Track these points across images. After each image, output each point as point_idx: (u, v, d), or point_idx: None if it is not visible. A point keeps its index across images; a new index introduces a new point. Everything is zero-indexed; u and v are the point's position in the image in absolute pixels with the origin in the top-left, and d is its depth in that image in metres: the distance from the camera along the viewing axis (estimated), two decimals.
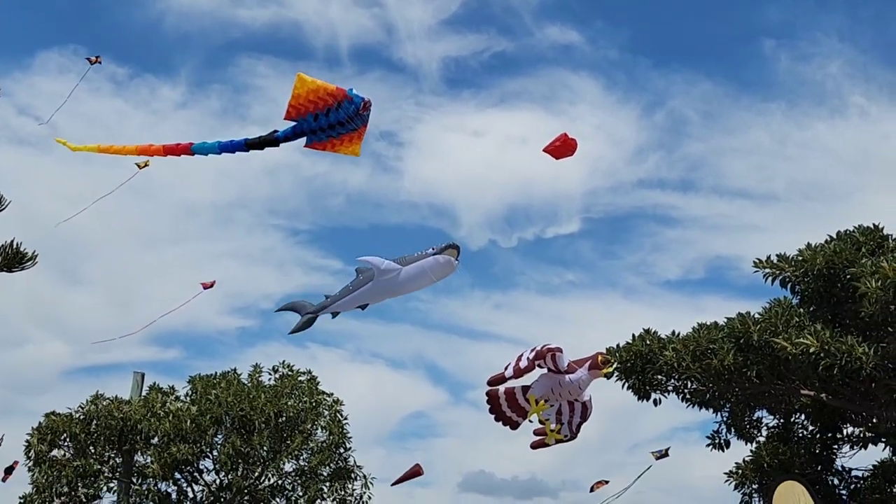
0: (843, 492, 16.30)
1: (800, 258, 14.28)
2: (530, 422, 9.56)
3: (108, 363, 40.14)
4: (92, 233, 35.94)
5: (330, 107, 7.71)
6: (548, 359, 9.11)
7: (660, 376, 14.76)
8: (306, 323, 9.31)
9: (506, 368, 9.24)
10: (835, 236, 14.69)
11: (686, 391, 15.20)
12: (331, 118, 7.81)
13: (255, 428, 19.23)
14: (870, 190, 40.47)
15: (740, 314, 14.03)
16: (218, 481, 19.84)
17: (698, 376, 14.34)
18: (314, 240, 48.58)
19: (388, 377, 42.08)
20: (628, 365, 14.68)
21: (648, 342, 14.70)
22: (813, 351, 12.64)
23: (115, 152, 9.10)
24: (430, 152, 44.13)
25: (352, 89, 7.77)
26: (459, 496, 34.73)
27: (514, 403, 9.58)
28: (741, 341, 13.71)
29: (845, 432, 16.45)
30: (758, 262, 14.66)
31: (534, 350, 9.16)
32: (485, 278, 44.26)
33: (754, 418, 16.57)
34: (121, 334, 12.05)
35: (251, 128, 39.91)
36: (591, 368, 9.21)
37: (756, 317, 13.84)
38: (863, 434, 16.23)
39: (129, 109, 42.41)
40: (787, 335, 13.08)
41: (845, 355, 12.52)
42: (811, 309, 14.29)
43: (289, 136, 8.19)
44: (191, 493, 19.95)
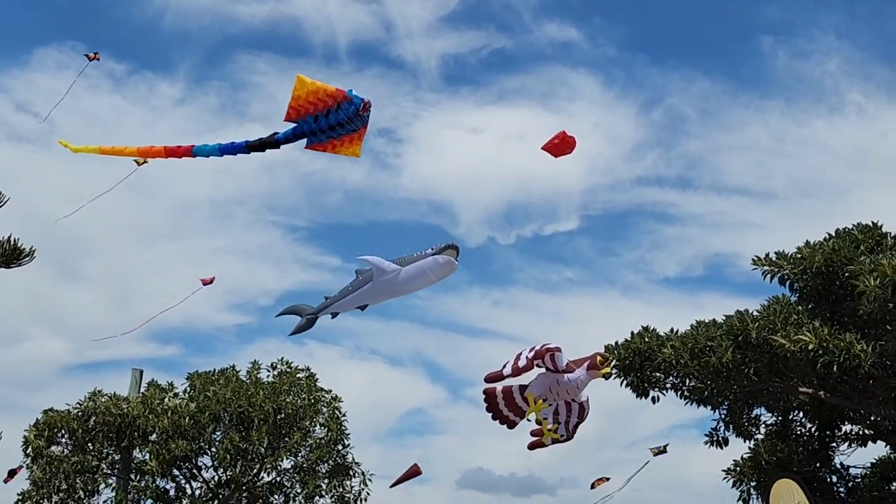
0: (841, 489, 16.30)
1: (798, 256, 14.28)
2: (528, 420, 9.53)
3: (107, 360, 40.16)
4: (90, 229, 35.92)
5: (330, 108, 7.73)
6: (546, 358, 9.08)
7: (658, 374, 14.78)
8: (306, 324, 9.33)
9: (504, 367, 9.21)
10: (833, 234, 14.70)
11: (684, 388, 15.22)
12: (331, 119, 7.83)
13: (254, 425, 19.23)
14: (867, 187, 40.50)
15: (739, 312, 14.05)
16: (216, 478, 19.84)
17: (697, 374, 14.36)
18: (312, 237, 48.50)
19: (386, 374, 42.03)
20: (627, 362, 14.70)
21: (647, 339, 14.71)
22: (812, 348, 12.64)
23: (116, 153, 9.13)
24: (428, 149, 44.09)
25: (351, 90, 7.79)
26: (458, 493, 34.72)
27: (512, 402, 9.55)
28: (740, 339, 13.72)
29: (843, 430, 16.46)
30: (756, 259, 14.66)
31: (533, 349, 9.13)
32: (483, 275, 44.19)
33: (753, 416, 16.60)
34: (121, 331, 12.05)
35: (250, 125, 39.98)
36: (589, 368, 9.17)
37: (755, 314, 13.85)
38: (861, 432, 16.25)
39: (127, 106, 42.35)
40: (785, 332, 13.09)
41: (844, 352, 12.53)
42: (810, 306, 14.30)
43: (289, 138, 8.24)
44: (189, 490, 19.94)
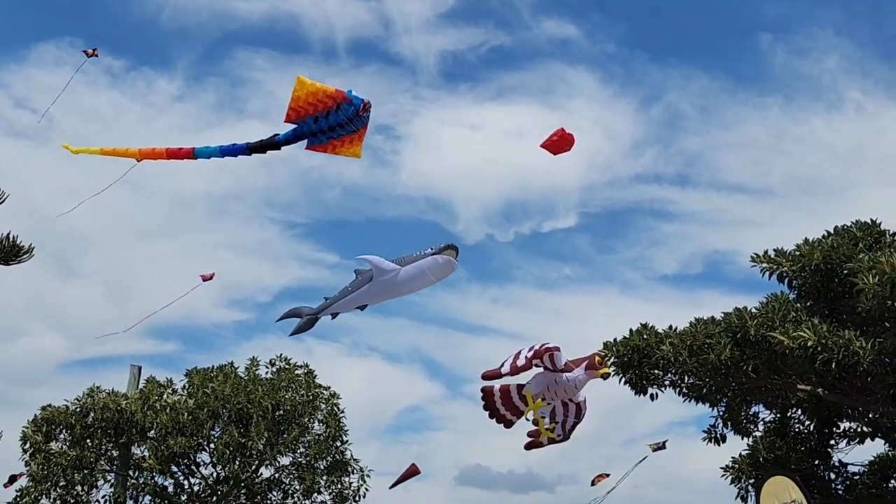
0: (839, 487, 16.31)
1: (797, 253, 14.27)
2: (527, 419, 9.50)
3: (105, 356, 40.11)
4: (87, 225, 35.84)
5: (329, 109, 7.75)
6: (545, 358, 9.04)
7: (657, 371, 14.78)
8: (306, 324, 9.34)
9: (502, 365, 9.16)
10: (832, 231, 14.70)
11: (683, 386, 15.22)
12: (331, 120, 7.86)
13: (252, 421, 19.23)
14: (866, 185, 40.52)
15: (737, 309, 14.04)
16: (215, 474, 19.84)
17: (695, 371, 14.35)
18: (310, 233, 48.41)
19: (384, 371, 42.01)
20: (625, 359, 14.70)
21: (645, 337, 14.71)
22: (811, 345, 12.63)
23: (117, 155, 9.15)
24: (427, 146, 44.04)
25: (351, 91, 7.81)
26: (456, 490, 34.75)
27: (509, 402, 9.50)
28: (738, 336, 13.71)
29: (842, 427, 16.47)
30: (755, 256, 14.64)
31: (532, 349, 9.08)
32: (482, 272, 44.15)
33: (751, 413, 16.60)
34: (120, 327, 11.98)
35: (248, 121, 39.87)
36: (587, 368, 9.12)
37: (753, 311, 13.84)
38: (859, 429, 16.25)
39: (125, 102, 42.31)
40: (784, 329, 13.08)
41: (843, 349, 12.52)
42: (808, 304, 14.29)
43: (289, 139, 8.27)
44: (188, 487, 19.93)
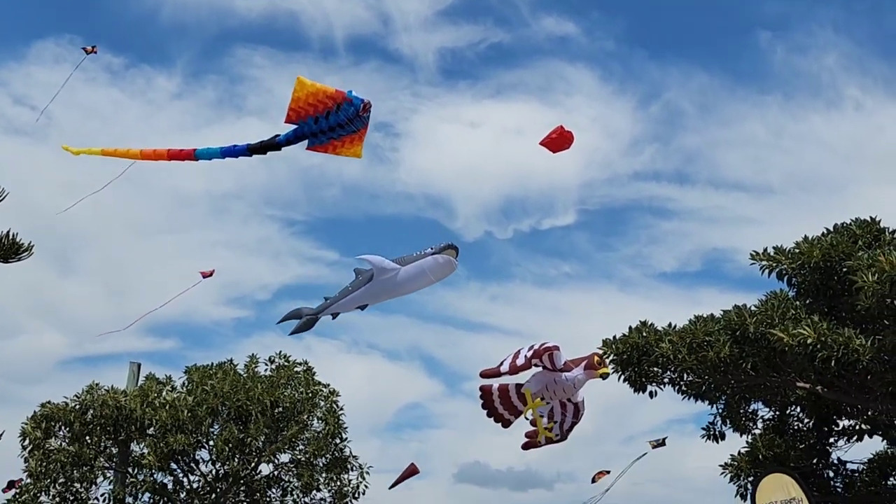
0: (838, 484, 16.32)
1: (796, 251, 14.26)
2: (527, 418, 9.48)
3: (105, 353, 40.21)
4: (87, 223, 35.87)
5: (330, 109, 7.78)
6: (545, 357, 9.03)
7: (656, 368, 14.77)
8: (306, 324, 9.35)
9: (501, 364, 9.13)
10: (831, 229, 14.69)
11: (682, 383, 15.21)
12: (331, 121, 7.89)
13: (252, 418, 19.22)
14: (864, 182, 40.60)
15: (736, 306, 14.03)
16: (214, 472, 19.83)
17: (694, 368, 14.35)
18: (310, 231, 48.52)
19: (383, 368, 42.05)
20: (624, 357, 14.69)
21: (644, 334, 14.70)
22: (810, 342, 12.63)
23: (119, 156, 9.15)
24: (426, 143, 44.07)
25: (351, 91, 7.84)
26: (455, 487, 34.80)
27: (507, 401, 9.48)
28: (737, 333, 13.71)
29: (841, 425, 16.47)
30: (754, 254, 14.63)
31: (532, 349, 9.05)
32: (481, 270, 44.23)
33: (750, 410, 16.61)
34: (120, 325, 11.96)
35: (247, 118, 39.87)
36: (587, 368, 9.11)
37: (752, 309, 13.83)
38: (858, 427, 16.26)
39: (124, 99, 42.32)
40: (784, 327, 13.08)
41: (842, 347, 12.51)
42: (807, 301, 14.29)
43: (290, 140, 8.31)
44: (187, 484, 19.92)
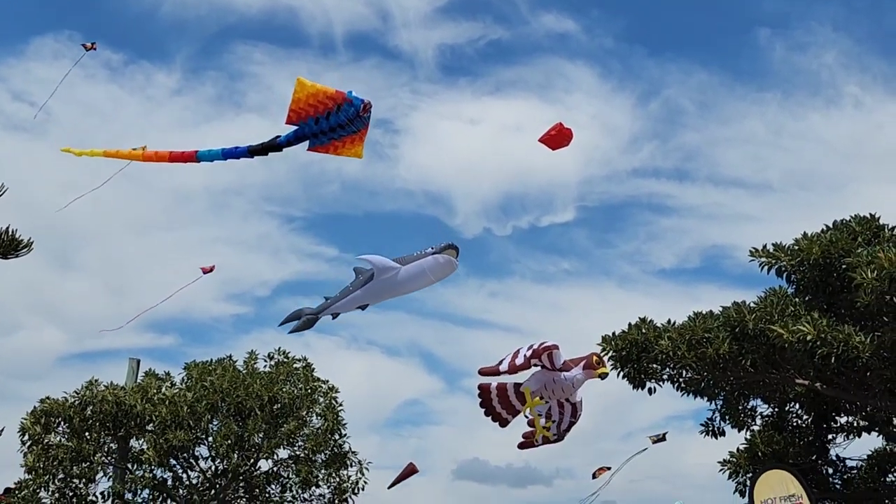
0: (836, 481, 16.33)
1: (796, 247, 14.25)
2: (526, 417, 9.48)
3: (104, 350, 40.16)
4: (86, 219, 35.88)
5: (330, 110, 7.82)
6: (544, 357, 9.02)
7: (655, 365, 14.77)
8: (307, 323, 9.36)
9: (500, 363, 9.12)
10: (831, 226, 14.67)
11: (681, 380, 15.21)
12: (331, 121, 7.94)
13: (251, 414, 19.23)
14: (864, 180, 40.63)
15: (736, 303, 14.03)
16: (213, 468, 19.84)
17: (693, 365, 14.35)
18: (309, 227, 48.56)
19: (383, 365, 42.14)
20: (623, 354, 14.69)
21: (644, 331, 14.70)
22: (810, 339, 12.63)
23: (120, 157, 9.16)
24: (425, 140, 44.08)
25: (351, 91, 7.87)
26: (454, 483, 34.85)
27: (506, 400, 9.48)
28: (736, 330, 13.71)
29: (840, 422, 16.48)
30: (754, 251, 14.61)
31: (531, 348, 9.04)
32: (480, 266, 44.24)
33: (749, 407, 16.60)
34: (119, 321, 12.01)
35: (246, 115, 39.88)
36: (585, 367, 9.10)
37: (751, 306, 13.83)
38: (857, 423, 16.27)
39: (124, 96, 42.32)
40: (783, 323, 13.08)
41: (842, 344, 12.52)
42: (807, 298, 14.28)
43: (291, 141, 8.33)
44: (186, 480, 19.93)
